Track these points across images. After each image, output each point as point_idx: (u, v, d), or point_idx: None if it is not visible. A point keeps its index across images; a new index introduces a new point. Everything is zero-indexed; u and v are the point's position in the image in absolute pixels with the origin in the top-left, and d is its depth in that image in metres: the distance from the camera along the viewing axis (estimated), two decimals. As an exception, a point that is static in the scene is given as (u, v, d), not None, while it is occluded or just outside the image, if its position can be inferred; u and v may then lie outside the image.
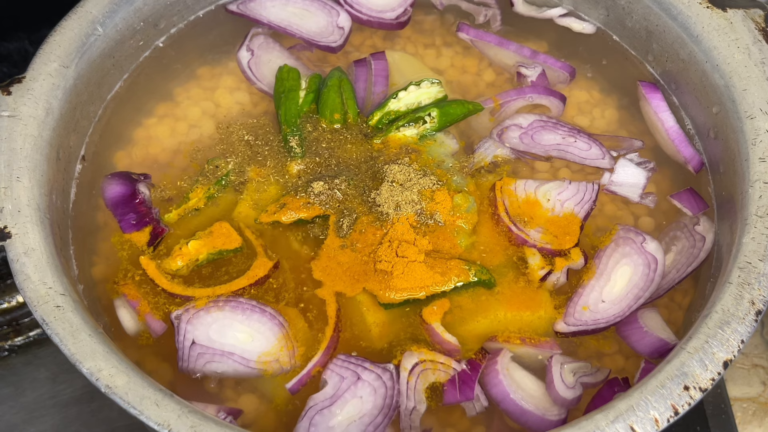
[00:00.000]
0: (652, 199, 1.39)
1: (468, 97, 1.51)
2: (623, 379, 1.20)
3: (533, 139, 1.43)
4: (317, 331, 1.24)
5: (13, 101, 1.25)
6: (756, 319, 1.08)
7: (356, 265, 1.26)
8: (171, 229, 1.32)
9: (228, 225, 1.30)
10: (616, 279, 1.27)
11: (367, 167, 1.37)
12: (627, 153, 1.42)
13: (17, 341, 1.57)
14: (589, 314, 1.24)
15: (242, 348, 1.19)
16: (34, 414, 1.51)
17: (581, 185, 1.35)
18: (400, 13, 1.57)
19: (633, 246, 1.29)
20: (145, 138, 1.46)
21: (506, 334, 1.24)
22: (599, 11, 1.57)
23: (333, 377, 1.17)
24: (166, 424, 0.99)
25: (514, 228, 1.30)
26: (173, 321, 1.21)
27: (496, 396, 1.18)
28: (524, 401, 1.17)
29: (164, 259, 1.27)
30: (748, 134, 1.26)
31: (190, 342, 1.19)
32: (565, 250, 1.29)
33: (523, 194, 1.34)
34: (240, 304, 1.22)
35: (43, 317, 1.07)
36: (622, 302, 1.25)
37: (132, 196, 1.31)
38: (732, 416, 1.48)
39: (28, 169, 1.20)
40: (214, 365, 1.20)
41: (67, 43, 1.33)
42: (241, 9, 1.56)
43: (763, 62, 1.32)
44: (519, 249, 1.31)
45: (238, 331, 1.20)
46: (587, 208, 1.34)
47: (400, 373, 1.18)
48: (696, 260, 1.30)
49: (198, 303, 1.22)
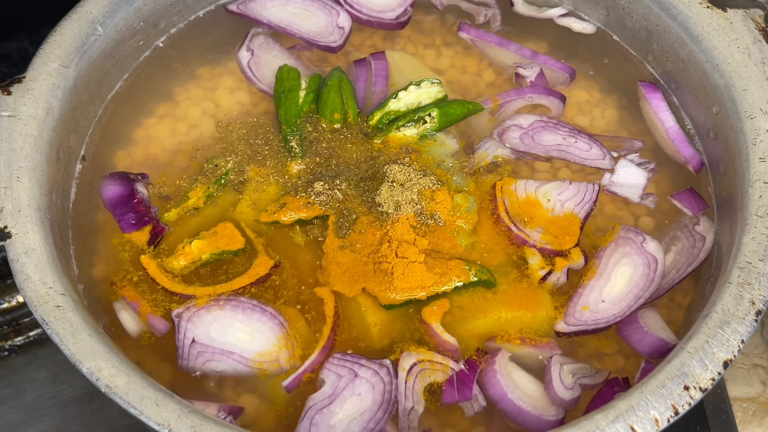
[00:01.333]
0: (652, 199, 1.39)
1: (468, 97, 1.51)
2: (623, 379, 1.20)
3: (534, 139, 1.43)
4: (315, 331, 1.24)
5: (13, 101, 1.25)
6: (756, 319, 1.08)
7: (356, 266, 1.26)
8: (171, 228, 1.32)
9: (232, 226, 1.30)
10: (616, 279, 1.27)
11: (367, 167, 1.37)
12: (627, 153, 1.42)
13: (17, 341, 1.57)
14: (589, 314, 1.24)
15: (242, 347, 1.20)
16: (34, 414, 1.51)
17: (581, 185, 1.35)
18: (400, 13, 1.57)
19: (633, 246, 1.29)
20: (145, 138, 1.46)
21: (506, 335, 1.24)
22: (599, 11, 1.57)
23: (330, 376, 1.17)
24: (166, 424, 0.99)
25: (514, 228, 1.30)
26: (174, 319, 1.21)
27: (494, 396, 1.18)
28: (522, 401, 1.17)
29: (167, 259, 1.28)
30: (748, 134, 1.26)
31: (190, 340, 1.19)
32: (565, 250, 1.29)
33: (523, 194, 1.34)
34: (241, 303, 1.22)
35: (43, 317, 1.07)
36: (622, 302, 1.25)
37: (130, 196, 1.31)
38: (732, 416, 1.48)
39: (28, 169, 1.20)
40: (213, 364, 1.20)
41: (67, 43, 1.33)
42: (241, 9, 1.56)
43: (763, 62, 1.32)
44: (519, 249, 1.31)
45: (239, 330, 1.20)
46: (587, 209, 1.34)
47: (399, 373, 1.18)
48: (696, 260, 1.30)
49: (199, 301, 1.22)
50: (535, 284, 1.27)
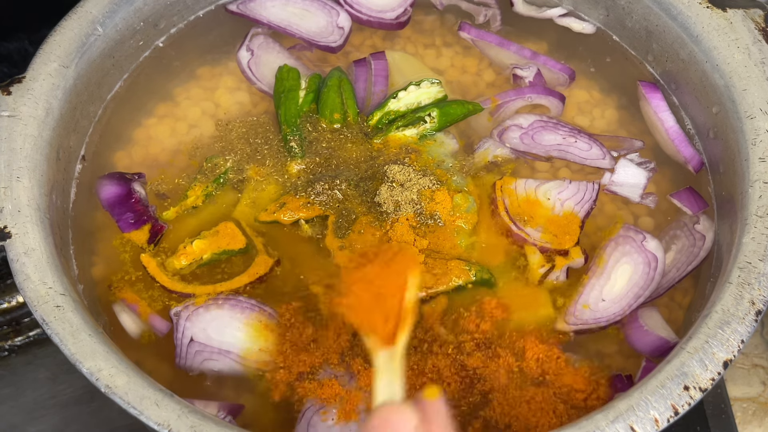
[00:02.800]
0: (652, 199, 1.39)
1: (468, 97, 1.51)
2: (627, 377, 1.20)
3: (534, 139, 1.43)
4: (314, 329, 1.23)
5: (13, 101, 1.25)
6: (756, 319, 1.08)
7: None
8: (170, 226, 1.32)
9: (233, 225, 1.30)
10: (616, 278, 1.27)
11: (366, 167, 1.37)
12: (627, 153, 1.42)
13: (17, 341, 1.56)
14: (589, 313, 1.25)
15: (240, 346, 1.19)
16: (34, 414, 1.51)
17: (581, 185, 1.35)
18: (400, 13, 1.57)
19: (633, 245, 1.29)
20: (145, 138, 1.46)
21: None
22: (599, 11, 1.57)
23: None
24: (166, 424, 0.99)
25: (514, 227, 1.30)
26: (172, 318, 1.21)
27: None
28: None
29: (168, 258, 1.28)
30: (748, 134, 1.26)
31: (188, 339, 1.19)
32: (565, 249, 1.29)
33: (523, 193, 1.34)
34: (239, 302, 1.22)
35: (43, 317, 1.07)
36: (622, 301, 1.25)
37: (128, 196, 1.31)
38: (732, 416, 1.48)
39: (28, 169, 1.20)
40: (211, 363, 1.20)
41: (67, 43, 1.33)
42: (241, 9, 1.56)
43: (763, 62, 1.32)
44: (519, 248, 1.31)
45: (237, 330, 1.20)
46: (587, 208, 1.34)
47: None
48: (696, 259, 1.30)
49: (198, 300, 1.22)
50: (534, 283, 1.27)
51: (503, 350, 1.20)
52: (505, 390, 1.17)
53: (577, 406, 1.17)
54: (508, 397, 1.16)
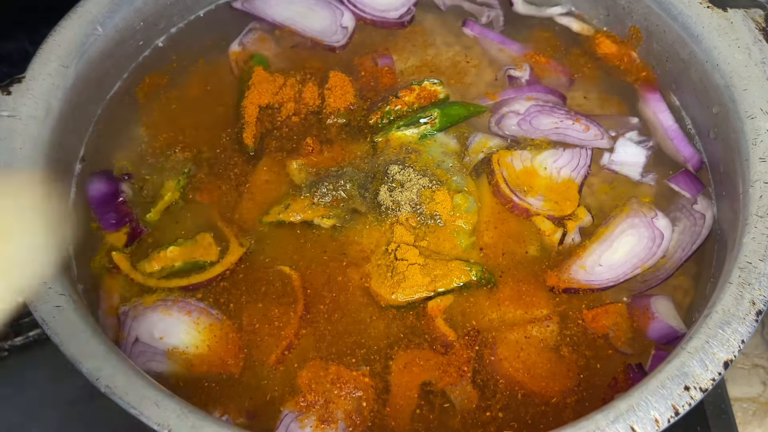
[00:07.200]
0: (652, 177, 1.40)
1: (468, 96, 1.51)
2: (637, 365, 1.21)
3: (531, 124, 1.43)
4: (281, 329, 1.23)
5: (13, 101, 1.25)
6: (756, 319, 1.08)
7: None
8: (149, 230, 1.32)
9: (210, 237, 1.30)
10: (618, 246, 1.30)
11: (367, 167, 1.37)
12: (625, 132, 1.44)
13: (17, 341, 1.56)
14: (583, 274, 1.27)
15: (185, 349, 1.19)
16: (34, 414, 1.51)
17: (575, 151, 1.38)
18: (403, 13, 1.57)
19: (643, 219, 1.31)
20: (145, 138, 1.45)
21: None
22: (599, 11, 1.57)
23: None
24: (166, 424, 0.99)
25: (516, 198, 1.32)
26: (120, 317, 1.21)
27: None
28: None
29: (140, 261, 1.27)
30: (749, 134, 1.26)
31: (133, 339, 1.19)
32: (569, 214, 1.32)
33: (519, 165, 1.36)
34: (188, 305, 1.22)
35: (43, 317, 1.07)
36: (618, 269, 1.28)
37: (114, 195, 1.32)
38: (732, 416, 1.48)
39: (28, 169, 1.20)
40: (154, 364, 1.19)
41: (67, 43, 1.33)
42: (245, 6, 1.56)
43: (764, 62, 1.32)
44: (521, 246, 1.31)
45: (183, 332, 1.19)
46: (583, 173, 1.37)
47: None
48: (699, 237, 1.33)
49: (146, 300, 1.22)
50: (554, 249, 1.31)
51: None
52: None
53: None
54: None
